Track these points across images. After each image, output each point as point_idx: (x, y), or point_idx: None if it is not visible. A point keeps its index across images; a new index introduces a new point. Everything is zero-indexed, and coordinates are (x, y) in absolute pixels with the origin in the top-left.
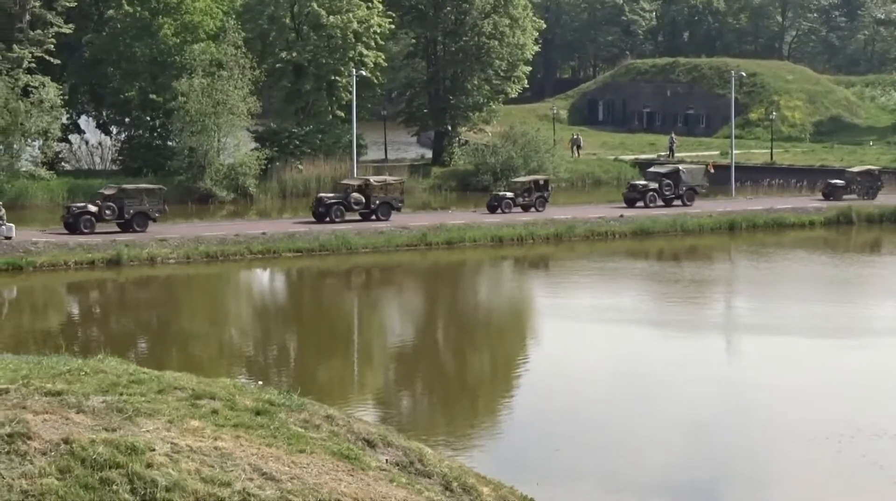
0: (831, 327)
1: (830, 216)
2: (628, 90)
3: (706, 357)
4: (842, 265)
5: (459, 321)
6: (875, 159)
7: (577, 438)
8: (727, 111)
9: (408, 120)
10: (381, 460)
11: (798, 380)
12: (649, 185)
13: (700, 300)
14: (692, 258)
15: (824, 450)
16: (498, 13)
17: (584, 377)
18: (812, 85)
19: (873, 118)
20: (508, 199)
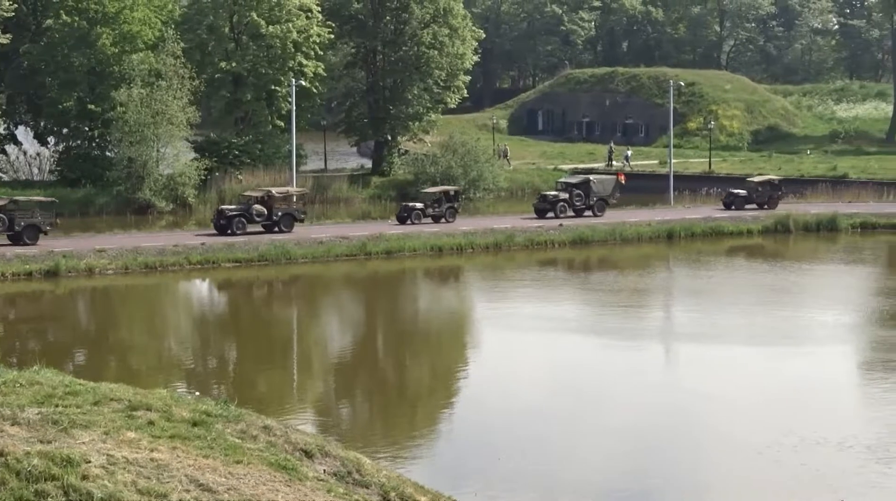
0: (770, 335)
1: (768, 225)
2: (567, 100)
3: (646, 366)
4: (780, 273)
5: (399, 331)
6: (812, 168)
7: (517, 448)
8: (665, 121)
9: (347, 130)
10: (318, 470)
11: (738, 389)
12: (560, 195)
13: (639, 309)
14: (631, 267)
15: (765, 459)
16: (437, 23)
17: (524, 387)
18: (750, 94)
19: (810, 127)
20: (418, 210)
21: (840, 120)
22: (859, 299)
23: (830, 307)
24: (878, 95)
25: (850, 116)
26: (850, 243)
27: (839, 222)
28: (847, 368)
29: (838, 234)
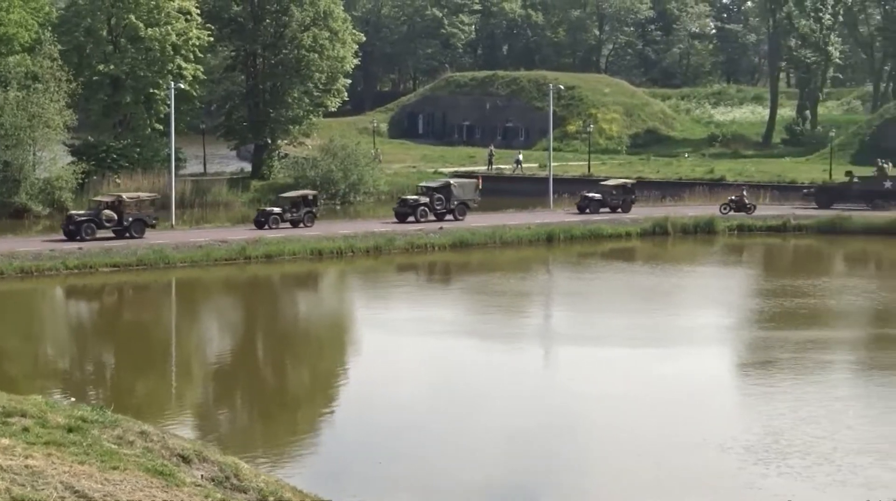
0: (651, 336)
1: (646, 228)
2: (448, 103)
3: (527, 368)
4: (659, 275)
5: (280, 335)
6: (690, 171)
7: (398, 451)
8: (545, 124)
9: (227, 133)
10: (196, 476)
11: (619, 390)
12: (420, 199)
13: (520, 312)
14: (512, 270)
15: (645, 460)
16: (318, 26)
17: (405, 390)
18: (629, 98)
19: (688, 131)
20: (276, 214)
21: (718, 123)
22: (737, 300)
23: (709, 309)
24: (755, 98)
25: (728, 120)
26: (728, 245)
27: (716, 225)
28: (726, 369)
29: (716, 236)
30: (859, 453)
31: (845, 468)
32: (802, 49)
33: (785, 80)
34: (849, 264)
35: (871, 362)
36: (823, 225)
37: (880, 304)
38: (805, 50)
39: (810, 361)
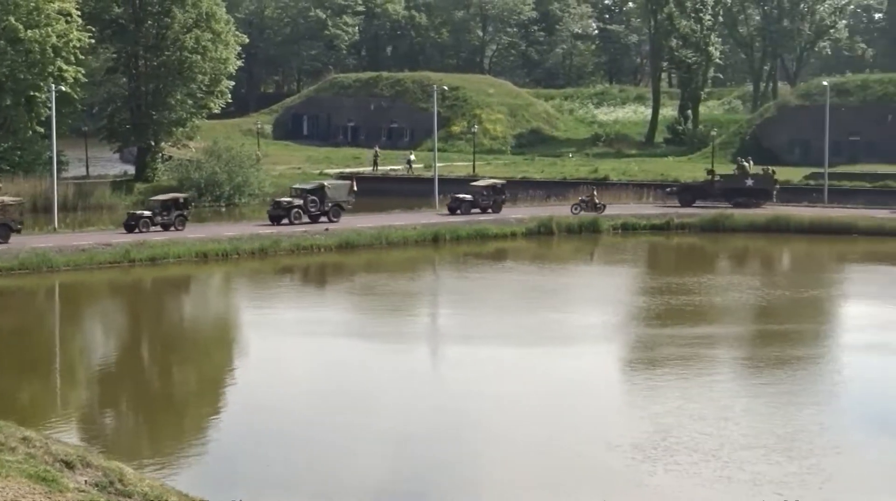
0: (539, 335)
1: (532, 227)
2: (332, 104)
3: (416, 369)
4: (546, 275)
5: (166, 339)
6: (574, 170)
7: (288, 453)
8: (430, 125)
9: (110, 136)
10: (79, 481)
11: (508, 389)
12: (294, 201)
13: (408, 312)
14: (399, 270)
15: (535, 458)
16: (200, 28)
17: (294, 392)
18: (513, 98)
19: (572, 131)
20: (146, 218)
21: (601, 123)
22: (624, 298)
23: (596, 307)
24: (638, 98)
25: (611, 120)
26: (612, 244)
27: (601, 224)
28: (615, 367)
29: (600, 235)
30: (746, 448)
31: (732, 464)
32: (683, 49)
33: (667, 80)
34: (733, 261)
35: (756, 358)
36: (706, 223)
37: (764, 300)
38: (686, 50)
39: (697, 358)
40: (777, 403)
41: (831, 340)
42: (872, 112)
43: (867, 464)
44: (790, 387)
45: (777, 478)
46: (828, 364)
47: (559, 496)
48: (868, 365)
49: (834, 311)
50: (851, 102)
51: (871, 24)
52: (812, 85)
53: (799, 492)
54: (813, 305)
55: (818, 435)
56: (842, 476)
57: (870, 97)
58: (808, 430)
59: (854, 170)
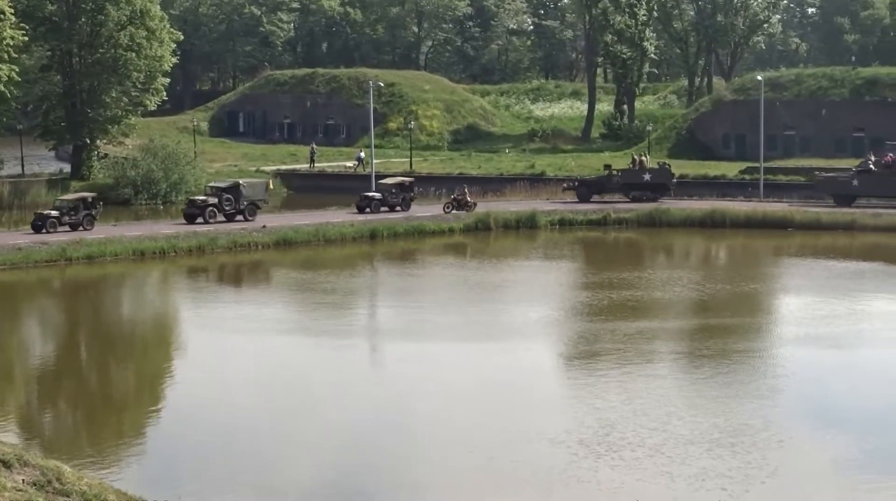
0: (480, 331)
1: (469, 223)
2: (268, 101)
3: (358, 365)
4: (484, 271)
5: (104, 337)
6: (511, 166)
7: (228, 450)
8: (366, 121)
9: (44, 134)
10: (17, 480)
11: (451, 385)
12: (209, 200)
13: (348, 309)
14: (338, 267)
15: (478, 456)
16: (134, 25)
17: (234, 389)
18: (449, 94)
19: (508, 126)
20: (53, 218)
21: (537, 119)
22: (565, 293)
23: (538, 303)
24: (573, 94)
25: (547, 115)
26: (550, 239)
27: (538, 220)
28: (558, 362)
29: (538, 231)
30: (690, 443)
31: (677, 459)
32: (618, 45)
33: (602, 75)
34: (670, 256)
35: (697, 352)
36: (643, 218)
37: (703, 295)
38: (621, 45)
39: (639, 352)
40: (720, 397)
41: (771, 333)
42: (807, 107)
43: (811, 458)
44: (732, 381)
45: (722, 472)
46: (769, 358)
47: (501, 492)
48: (808, 358)
49: (772, 305)
50: (786, 96)
51: (804, 19)
52: (747, 80)
53: (743, 487)
54: (752, 299)
55: (762, 430)
56: (786, 470)
57: (804, 92)
58: (752, 424)
59: (789, 164)
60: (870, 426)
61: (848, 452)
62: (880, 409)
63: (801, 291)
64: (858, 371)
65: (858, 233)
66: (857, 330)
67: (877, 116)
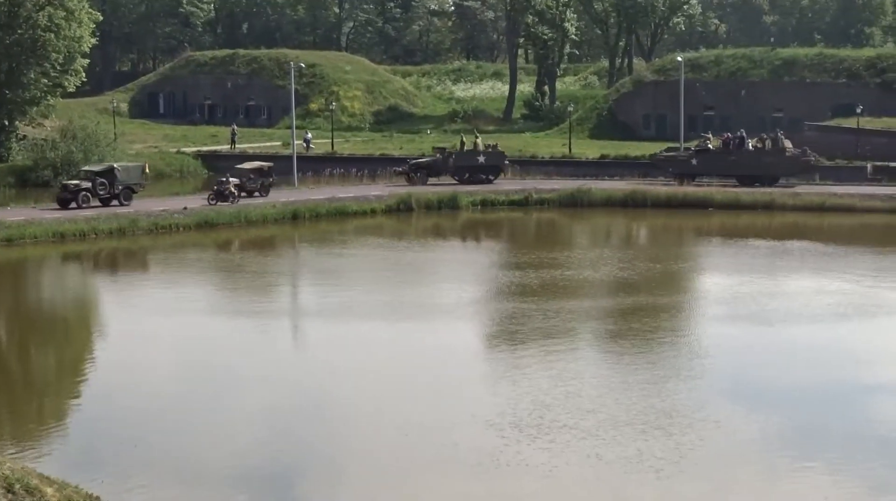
0: (405, 312)
1: (391, 204)
2: (188, 83)
3: (281, 346)
4: (407, 251)
5: (24, 320)
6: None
7: (152, 433)
8: (287, 102)
9: None
10: None
11: (378, 367)
12: (82, 184)
13: (271, 289)
14: (259, 248)
15: (409, 438)
16: (53, 5)
17: (156, 371)
18: (370, 75)
19: (430, 107)
20: None
21: (459, 100)
22: (488, 273)
23: (464, 283)
24: (495, 75)
25: (469, 96)
26: (472, 219)
27: (460, 200)
28: (489, 343)
29: (459, 212)
30: (626, 424)
31: (611, 441)
32: (539, 26)
33: (524, 56)
34: (593, 236)
35: (630, 332)
36: (564, 199)
37: (627, 274)
38: (542, 26)
39: (571, 333)
40: (653, 378)
41: (700, 312)
42: (726, 87)
43: (745, 438)
44: (665, 361)
45: (658, 454)
46: (699, 337)
47: (431, 478)
48: (738, 337)
49: (699, 283)
50: (705, 77)
51: (723, 0)
52: (667, 60)
53: (679, 467)
54: (678, 277)
55: (697, 410)
56: (720, 451)
57: (723, 72)
58: (686, 404)
59: None
60: (805, 404)
61: (782, 431)
62: (812, 386)
63: (725, 269)
64: (788, 349)
65: (777, 212)
66: (784, 308)
67: (795, 96)
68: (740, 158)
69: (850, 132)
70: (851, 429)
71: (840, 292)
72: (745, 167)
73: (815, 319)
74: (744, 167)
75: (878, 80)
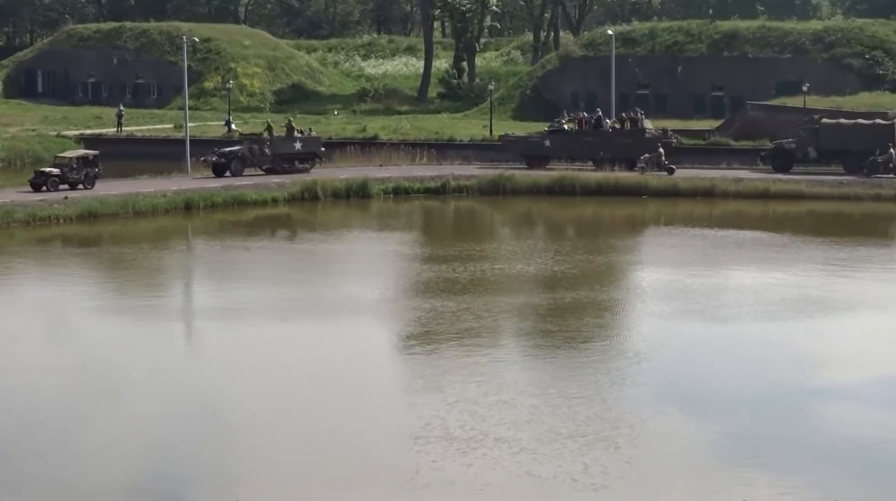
0: (313, 311)
1: (295, 192)
2: (70, 58)
3: (174, 349)
4: (313, 244)
5: None
6: (341, 129)
7: (26, 445)
8: (180, 80)
9: None
10: None
11: (281, 371)
12: None
13: (162, 287)
14: (149, 242)
15: (314, 455)
16: None
17: (34, 377)
18: (271, 50)
19: (337, 85)
20: None
21: (369, 77)
22: (402, 268)
23: (373, 279)
24: (409, 50)
25: (380, 73)
26: (384, 209)
27: (371, 188)
28: (404, 346)
29: (370, 200)
30: (568, 438)
31: (550, 455)
32: None
33: (440, 29)
34: (517, 226)
35: (564, 333)
36: (485, 186)
37: (555, 269)
38: None
39: (499, 333)
40: (592, 383)
41: (642, 310)
42: (662, 63)
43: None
44: (606, 364)
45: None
46: (643, 337)
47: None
48: (683, 336)
49: (639, 278)
50: (639, 52)
51: None
52: (596, 34)
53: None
54: (616, 271)
55: (642, 417)
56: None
57: (658, 47)
58: (631, 413)
59: None
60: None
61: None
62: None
63: (669, 261)
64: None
65: (718, 200)
66: (732, 303)
67: (737, 73)
68: (597, 139)
69: (796, 112)
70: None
71: (791, 285)
72: (602, 149)
73: (766, 316)
74: (600, 149)
75: (826, 55)
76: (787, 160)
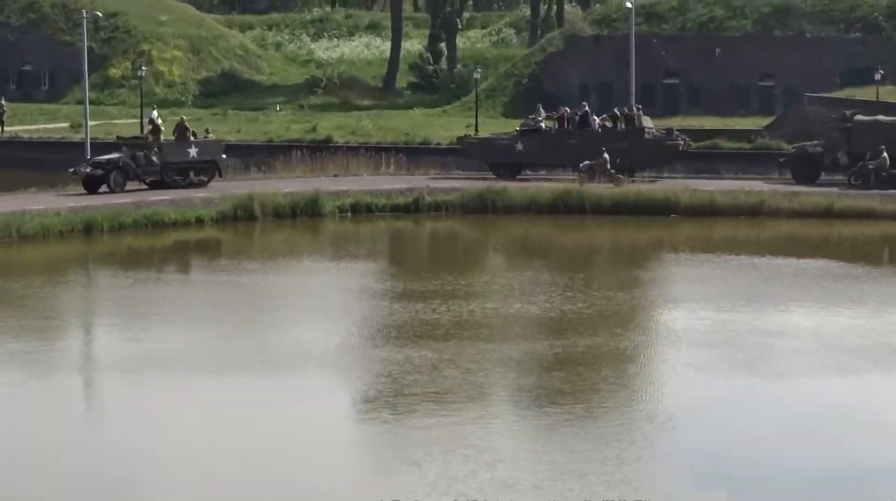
0: (250, 362)
1: (225, 211)
2: None
3: (69, 411)
4: (249, 277)
5: None
6: (285, 129)
7: None
8: (78, 66)
9: None
10: None
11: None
12: None
13: (56, 332)
14: (37, 275)
15: None
16: None
17: None
18: (195, 29)
19: (280, 73)
20: None
21: (320, 62)
22: (362, 308)
23: (325, 322)
24: (371, 28)
25: (335, 58)
26: (340, 232)
27: (323, 205)
28: (370, 407)
29: (322, 220)
30: None
31: None
32: None
33: (411, 1)
34: (509, 255)
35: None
36: (471, 202)
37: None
38: None
39: (507, 393)
40: (613, 458)
41: (671, 360)
42: (695, 45)
43: None
44: (625, 432)
45: None
46: (672, 396)
47: None
48: (720, 396)
49: (661, 319)
50: (666, 30)
51: None
52: (612, 8)
53: None
54: (631, 312)
55: None
56: None
57: (691, 24)
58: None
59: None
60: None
61: None
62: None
63: (702, 299)
64: (786, 412)
65: (767, 220)
66: (782, 353)
67: (791, 57)
68: (583, 140)
69: (866, 106)
70: None
71: (867, 329)
72: (590, 154)
73: (836, 369)
74: (588, 154)
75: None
76: (813, 168)
